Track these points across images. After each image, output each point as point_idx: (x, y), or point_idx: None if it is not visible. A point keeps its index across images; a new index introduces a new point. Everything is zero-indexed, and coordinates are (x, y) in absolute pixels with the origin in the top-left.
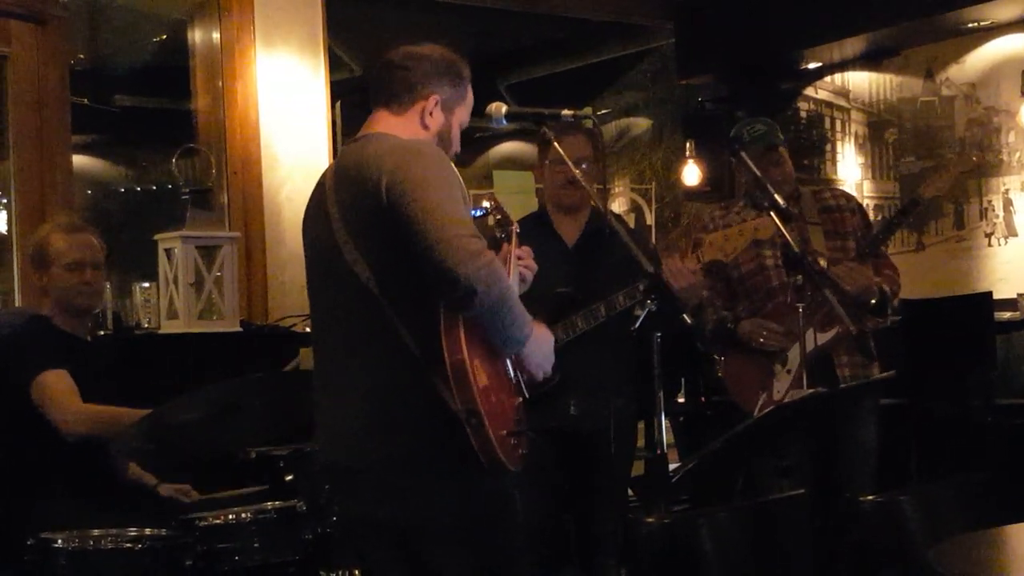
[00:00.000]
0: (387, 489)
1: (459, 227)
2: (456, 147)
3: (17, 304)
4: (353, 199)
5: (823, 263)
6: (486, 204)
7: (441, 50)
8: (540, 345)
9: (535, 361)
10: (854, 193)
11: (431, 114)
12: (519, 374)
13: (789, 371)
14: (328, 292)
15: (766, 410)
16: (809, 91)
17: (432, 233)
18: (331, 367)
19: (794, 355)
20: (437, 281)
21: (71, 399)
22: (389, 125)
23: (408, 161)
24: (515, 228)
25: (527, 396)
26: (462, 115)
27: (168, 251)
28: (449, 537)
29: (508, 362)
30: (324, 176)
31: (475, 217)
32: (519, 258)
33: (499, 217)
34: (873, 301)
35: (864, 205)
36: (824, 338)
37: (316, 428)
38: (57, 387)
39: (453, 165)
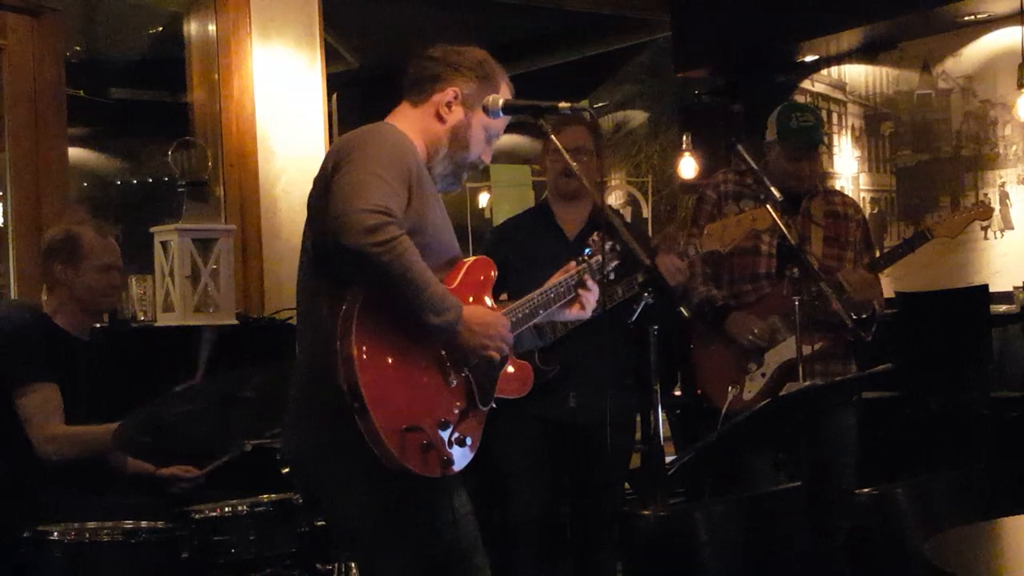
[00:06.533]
0: (315, 477)
1: (364, 203)
2: (477, 150)
3: (13, 296)
4: (318, 175)
5: (814, 263)
6: (595, 240)
7: (480, 51)
8: (471, 331)
9: (468, 345)
10: (850, 187)
11: (448, 106)
12: (475, 384)
13: (763, 374)
14: (299, 267)
15: (734, 408)
16: (806, 84)
17: (337, 206)
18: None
19: (770, 358)
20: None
21: (52, 425)
22: (402, 116)
23: (356, 140)
24: (596, 260)
25: (482, 407)
26: (485, 118)
27: (164, 244)
28: (372, 533)
29: (448, 366)
30: None
31: (584, 256)
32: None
33: (596, 257)
34: (864, 316)
35: (866, 213)
36: (808, 351)
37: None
38: (42, 409)
39: (417, 157)
